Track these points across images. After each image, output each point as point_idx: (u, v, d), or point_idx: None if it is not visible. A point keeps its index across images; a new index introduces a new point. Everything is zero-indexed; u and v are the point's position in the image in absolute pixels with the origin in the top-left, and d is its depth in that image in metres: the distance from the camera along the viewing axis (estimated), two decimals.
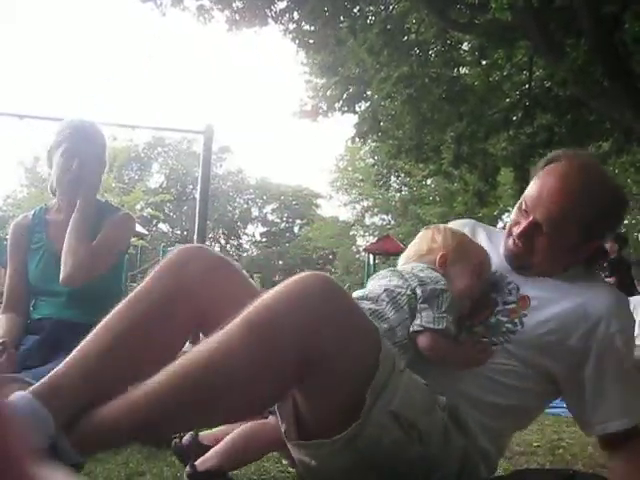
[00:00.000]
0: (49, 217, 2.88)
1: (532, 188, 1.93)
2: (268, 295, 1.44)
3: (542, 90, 10.46)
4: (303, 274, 1.47)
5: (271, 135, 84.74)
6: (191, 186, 48.94)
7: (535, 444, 2.95)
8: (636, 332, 5.44)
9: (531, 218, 1.90)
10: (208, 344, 1.41)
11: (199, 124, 8.56)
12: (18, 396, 1.45)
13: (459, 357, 1.78)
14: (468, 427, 1.73)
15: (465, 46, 11.31)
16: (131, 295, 1.68)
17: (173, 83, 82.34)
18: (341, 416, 1.49)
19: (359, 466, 1.54)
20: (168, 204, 44.91)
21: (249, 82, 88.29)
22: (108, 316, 1.65)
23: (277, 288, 1.45)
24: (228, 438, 1.86)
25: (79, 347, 1.60)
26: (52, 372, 1.56)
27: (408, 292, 1.75)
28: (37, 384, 1.52)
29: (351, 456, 1.51)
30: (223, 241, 54.63)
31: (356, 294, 1.83)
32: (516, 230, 1.93)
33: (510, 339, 1.84)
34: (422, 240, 1.97)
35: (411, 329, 1.71)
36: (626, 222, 31.53)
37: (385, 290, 1.77)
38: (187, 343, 1.75)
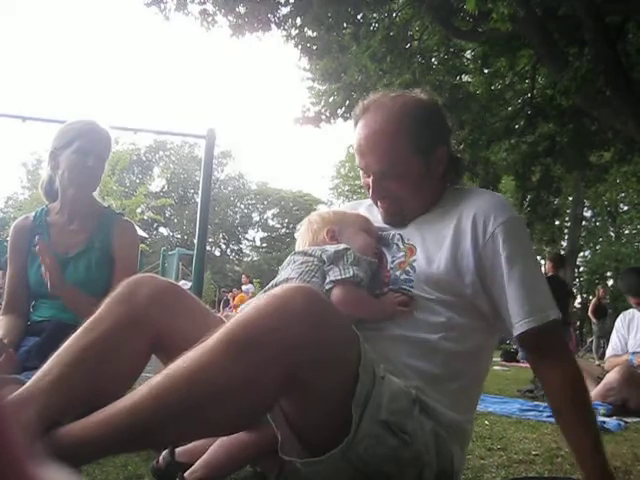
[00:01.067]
0: (50, 219, 2.88)
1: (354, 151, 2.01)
2: (249, 309, 1.43)
3: (544, 99, 10.47)
4: (285, 287, 1.47)
5: (273, 140, 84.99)
6: (192, 190, 49.02)
7: (534, 453, 2.95)
8: (632, 343, 5.45)
9: (370, 175, 1.96)
10: (189, 359, 1.40)
11: (201, 128, 8.56)
12: None
13: (378, 308, 1.81)
14: (429, 406, 1.72)
15: (468, 54, 11.32)
16: (83, 325, 1.70)
17: (176, 87, 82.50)
18: (332, 431, 1.49)
19: (359, 475, 1.54)
20: (169, 208, 45.00)
21: (251, 87, 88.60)
22: (60, 347, 1.67)
23: (258, 302, 1.44)
24: (211, 449, 1.86)
25: (40, 371, 1.63)
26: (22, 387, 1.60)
27: (315, 262, 1.81)
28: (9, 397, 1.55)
29: (349, 468, 1.52)
30: (223, 246, 54.70)
31: (270, 284, 1.87)
32: (370, 194, 2.00)
33: (411, 287, 1.84)
34: (304, 234, 2.01)
35: (325, 288, 1.74)
36: (627, 232, 31.53)
37: (294, 270, 1.82)
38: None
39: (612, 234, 31.95)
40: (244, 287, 18.72)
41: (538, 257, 35.17)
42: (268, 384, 1.40)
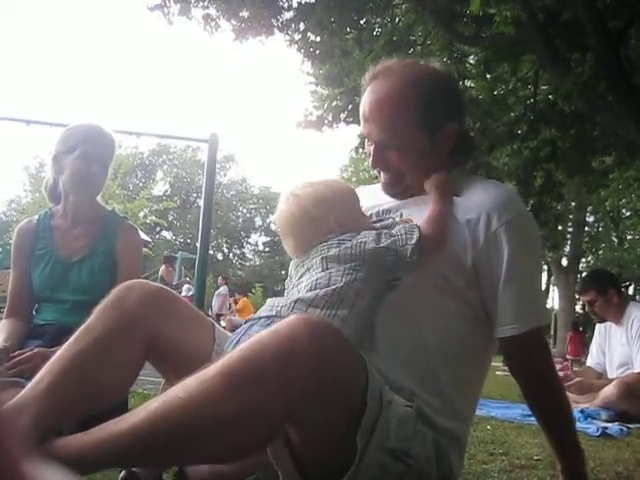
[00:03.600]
0: (54, 223, 2.88)
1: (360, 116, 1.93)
2: (250, 344, 1.40)
3: (547, 104, 10.47)
4: (290, 320, 1.42)
5: (275, 145, 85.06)
6: (195, 194, 49.08)
7: (536, 457, 2.95)
8: None
9: (372, 143, 1.90)
10: (188, 388, 1.39)
11: (204, 132, 8.58)
12: None
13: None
14: (428, 416, 1.68)
15: (471, 59, 11.33)
16: (75, 333, 1.70)
17: (179, 91, 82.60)
18: (336, 464, 1.46)
19: None
20: (172, 212, 45.05)
21: (254, 92, 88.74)
22: (53, 356, 1.68)
23: (261, 336, 1.40)
24: None
25: (33, 380, 1.64)
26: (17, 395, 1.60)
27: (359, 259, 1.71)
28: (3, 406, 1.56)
29: None
30: (226, 250, 54.72)
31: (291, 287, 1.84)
32: (370, 162, 1.94)
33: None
34: (300, 224, 1.87)
35: (409, 253, 1.69)
36: (629, 237, 31.53)
37: (336, 275, 1.70)
38: None
39: (615, 240, 31.91)
40: (220, 289, 18.55)
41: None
42: (266, 418, 1.38)
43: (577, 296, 24.39)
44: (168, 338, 1.67)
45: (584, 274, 29.51)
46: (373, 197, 2.04)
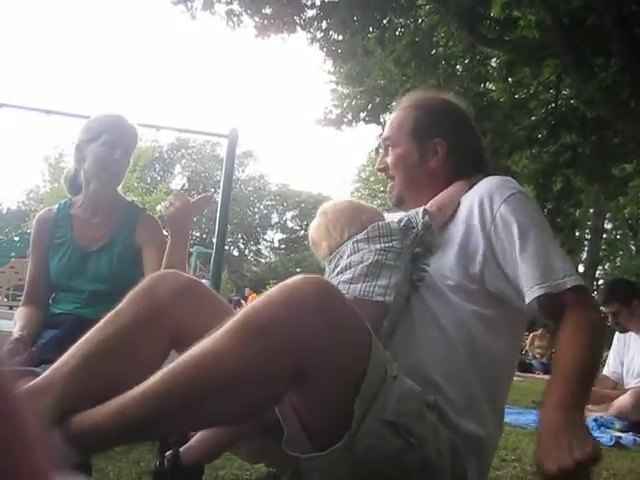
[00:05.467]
0: (74, 212, 2.89)
1: None
2: (260, 300, 1.45)
3: (568, 109, 10.41)
4: (296, 278, 1.46)
5: (294, 142, 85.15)
6: (213, 189, 49.14)
7: None
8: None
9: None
10: (199, 348, 1.42)
11: (224, 128, 8.61)
12: None
13: None
14: (446, 415, 1.68)
15: (493, 62, 11.29)
16: (104, 318, 1.73)
17: (199, 86, 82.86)
18: (337, 427, 1.48)
19: (362, 476, 1.54)
20: None
21: (275, 88, 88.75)
22: (81, 339, 1.70)
23: (269, 292, 1.46)
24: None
25: (58, 361, 1.66)
26: (40, 376, 1.62)
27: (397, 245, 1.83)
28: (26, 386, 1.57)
29: (352, 466, 1.50)
30: (242, 246, 54.82)
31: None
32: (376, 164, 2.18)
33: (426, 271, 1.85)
34: (338, 222, 1.97)
35: (423, 222, 1.85)
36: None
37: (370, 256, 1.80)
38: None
39: (632, 248, 31.68)
40: (202, 280, 18.43)
41: None
42: (277, 373, 1.41)
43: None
44: (197, 330, 1.67)
45: (601, 282, 29.42)
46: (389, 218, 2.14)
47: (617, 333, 5.60)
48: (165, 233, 2.81)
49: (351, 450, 1.48)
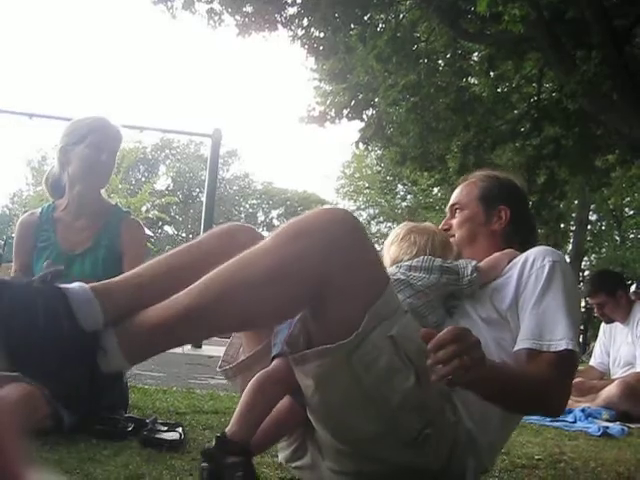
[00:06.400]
0: (57, 215, 2.88)
1: None
2: (297, 218, 1.67)
3: (550, 102, 10.44)
4: (329, 206, 1.61)
5: (278, 140, 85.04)
6: (197, 189, 49.05)
7: (537, 457, 2.94)
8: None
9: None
10: (240, 256, 1.59)
11: (207, 127, 8.59)
12: (76, 285, 1.60)
13: None
14: (456, 405, 1.82)
15: (475, 56, 11.31)
16: (180, 247, 1.89)
17: (182, 86, 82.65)
18: (343, 331, 1.59)
19: (356, 392, 1.64)
20: (174, 206, 44.96)
21: (258, 87, 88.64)
22: (154, 259, 1.84)
23: (306, 213, 1.69)
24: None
25: (135, 269, 1.77)
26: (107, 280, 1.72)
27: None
28: (95, 283, 1.64)
29: (349, 376, 1.61)
30: None
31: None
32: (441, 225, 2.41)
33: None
34: (425, 244, 2.19)
35: (468, 276, 2.06)
36: (632, 236, 31.45)
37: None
38: None
39: (617, 239, 31.84)
40: None
41: None
42: (305, 274, 1.57)
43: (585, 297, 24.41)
44: None
45: (587, 273, 29.58)
46: None
47: (603, 324, 5.64)
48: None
49: (351, 356, 1.60)
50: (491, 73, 10.68)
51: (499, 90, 11.16)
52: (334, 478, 1.87)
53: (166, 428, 2.56)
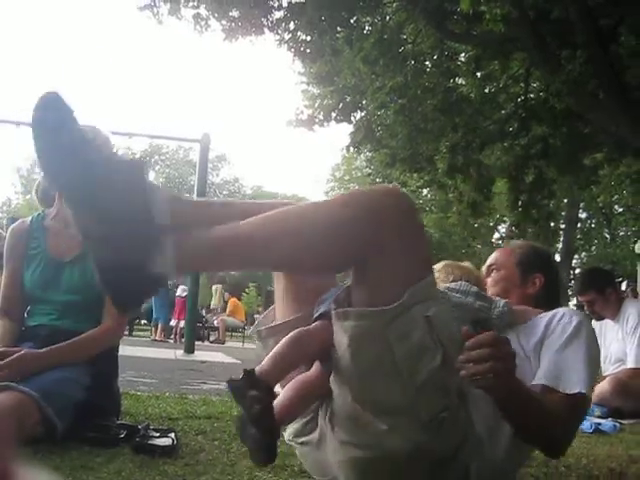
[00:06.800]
0: (47, 224, 2.87)
1: None
2: (361, 189, 1.93)
3: (538, 101, 10.48)
4: (391, 186, 1.84)
5: (267, 144, 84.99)
6: (187, 194, 48.89)
7: None
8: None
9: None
10: (304, 205, 1.78)
11: (196, 133, 8.58)
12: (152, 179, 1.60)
13: None
14: (469, 408, 1.89)
15: (462, 57, 11.33)
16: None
17: (170, 92, 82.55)
18: (383, 301, 1.67)
19: (385, 360, 1.69)
20: None
21: (245, 91, 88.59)
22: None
23: (371, 187, 1.88)
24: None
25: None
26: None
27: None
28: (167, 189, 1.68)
29: (382, 342, 1.67)
30: None
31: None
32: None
33: None
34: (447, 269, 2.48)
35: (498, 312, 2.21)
36: (622, 234, 31.59)
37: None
38: None
39: (607, 236, 31.96)
40: (181, 286, 17.63)
41: None
42: (358, 238, 1.66)
43: (570, 292, 24.49)
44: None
45: (577, 271, 29.67)
46: None
47: (593, 321, 5.66)
48: None
49: (389, 324, 1.66)
50: (478, 73, 10.72)
51: (486, 90, 11.20)
52: (340, 452, 1.89)
53: (158, 434, 2.56)
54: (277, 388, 1.92)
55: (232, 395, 1.72)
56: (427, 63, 11.08)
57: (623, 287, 29.32)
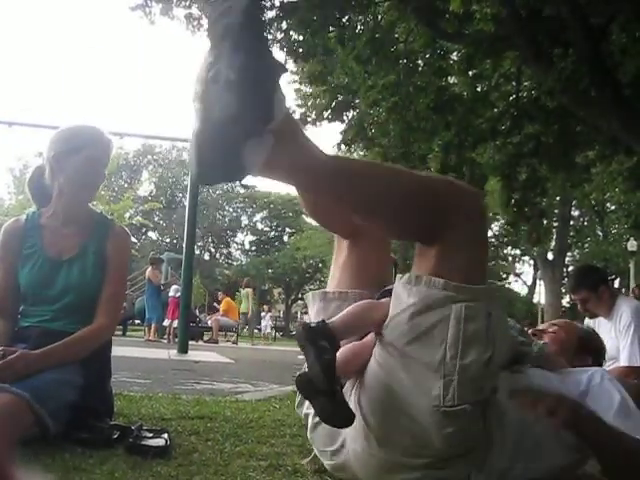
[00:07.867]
0: (43, 222, 2.85)
1: None
2: (450, 178, 1.98)
3: (530, 100, 10.50)
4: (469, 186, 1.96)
5: None
6: (180, 194, 48.90)
7: None
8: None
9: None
10: (398, 169, 2.01)
11: (189, 132, 8.59)
12: None
13: None
14: (491, 421, 1.90)
15: (454, 56, 11.35)
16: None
17: (163, 91, 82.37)
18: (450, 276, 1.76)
19: (440, 335, 1.75)
20: (157, 212, 44.87)
21: None
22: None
23: (458, 181, 1.98)
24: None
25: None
26: None
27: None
28: None
29: (443, 317, 1.75)
30: (213, 249, 54.60)
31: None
32: None
33: None
34: None
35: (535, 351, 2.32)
36: (614, 231, 31.69)
37: None
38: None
39: (600, 234, 32.05)
40: (174, 286, 17.59)
41: (526, 257, 35.22)
42: (434, 215, 1.77)
43: (564, 290, 24.52)
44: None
45: (570, 268, 29.72)
46: None
47: (587, 319, 5.67)
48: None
49: (456, 302, 1.74)
50: (470, 72, 10.73)
51: (478, 89, 11.22)
52: (362, 431, 1.91)
53: (152, 435, 2.55)
54: None
55: (302, 337, 1.79)
56: (419, 62, 11.09)
57: (616, 284, 29.43)
